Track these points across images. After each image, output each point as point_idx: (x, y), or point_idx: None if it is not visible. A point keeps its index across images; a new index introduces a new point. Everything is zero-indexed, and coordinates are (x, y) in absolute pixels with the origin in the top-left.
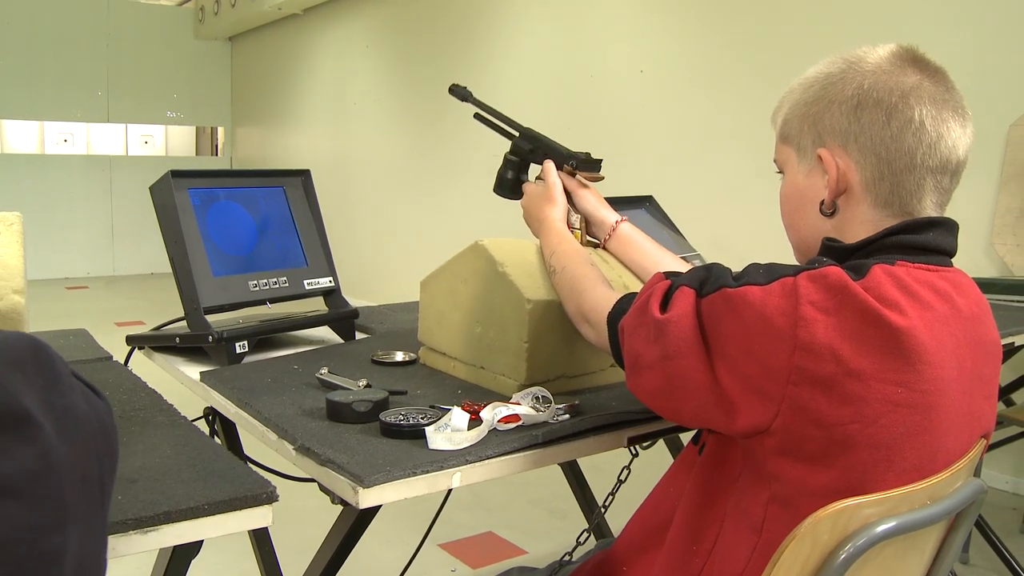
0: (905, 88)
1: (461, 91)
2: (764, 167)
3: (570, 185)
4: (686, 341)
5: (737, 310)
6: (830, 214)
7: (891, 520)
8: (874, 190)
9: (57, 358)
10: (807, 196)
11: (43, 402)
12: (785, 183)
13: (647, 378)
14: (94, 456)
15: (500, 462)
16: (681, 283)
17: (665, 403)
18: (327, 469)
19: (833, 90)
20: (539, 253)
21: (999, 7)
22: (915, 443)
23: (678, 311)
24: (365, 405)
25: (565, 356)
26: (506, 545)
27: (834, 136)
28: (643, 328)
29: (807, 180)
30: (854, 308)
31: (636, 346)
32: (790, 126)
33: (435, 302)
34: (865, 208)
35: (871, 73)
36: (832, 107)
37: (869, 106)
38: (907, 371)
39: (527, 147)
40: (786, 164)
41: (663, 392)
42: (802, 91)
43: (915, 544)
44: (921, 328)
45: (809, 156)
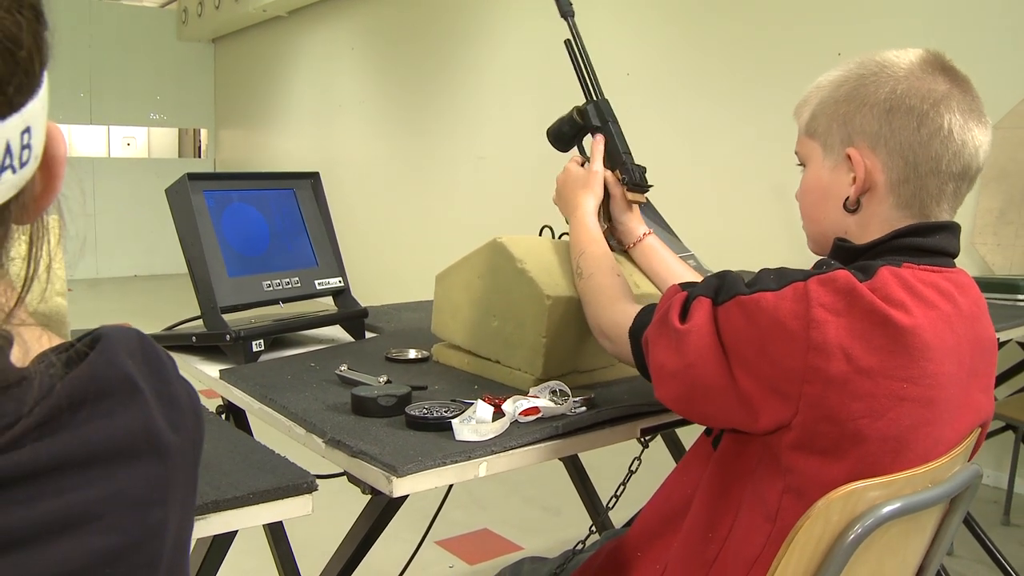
0: (936, 96)
1: (565, 4)
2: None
3: (611, 184)
4: (705, 349)
5: (752, 316)
6: (853, 211)
7: (897, 501)
8: (897, 191)
9: (161, 350)
10: (830, 191)
11: (152, 388)
12: (808, 176)
13: (671, 386)
14: (190, 444)
15: (524, 452)
16: (697, 293)
17: (691, 408)
18: (359, 460)
19: (865, 91)
20: (556, 251)
21: (979, 10)
22: (920, 434)
23: (696, 321)
24: (390, 399)
25: (578, 351)
26: (502, 542)
27: (864, 137)
28: (664, 339)
29: (832, 176)
30: (862, 309)
31: (660, 357)
32: (818, 122)
33: (451, 296)
34: (886, 208)
35: (904, 78)
36: (864, 108)
37: (902, 111)
38: (912, 367)
39: (594, 121)
40: (810, 158)
41: (688, 398)
42: (832, 89)
43: (917, 524)
44: (925, 326)
45: (836, 153)
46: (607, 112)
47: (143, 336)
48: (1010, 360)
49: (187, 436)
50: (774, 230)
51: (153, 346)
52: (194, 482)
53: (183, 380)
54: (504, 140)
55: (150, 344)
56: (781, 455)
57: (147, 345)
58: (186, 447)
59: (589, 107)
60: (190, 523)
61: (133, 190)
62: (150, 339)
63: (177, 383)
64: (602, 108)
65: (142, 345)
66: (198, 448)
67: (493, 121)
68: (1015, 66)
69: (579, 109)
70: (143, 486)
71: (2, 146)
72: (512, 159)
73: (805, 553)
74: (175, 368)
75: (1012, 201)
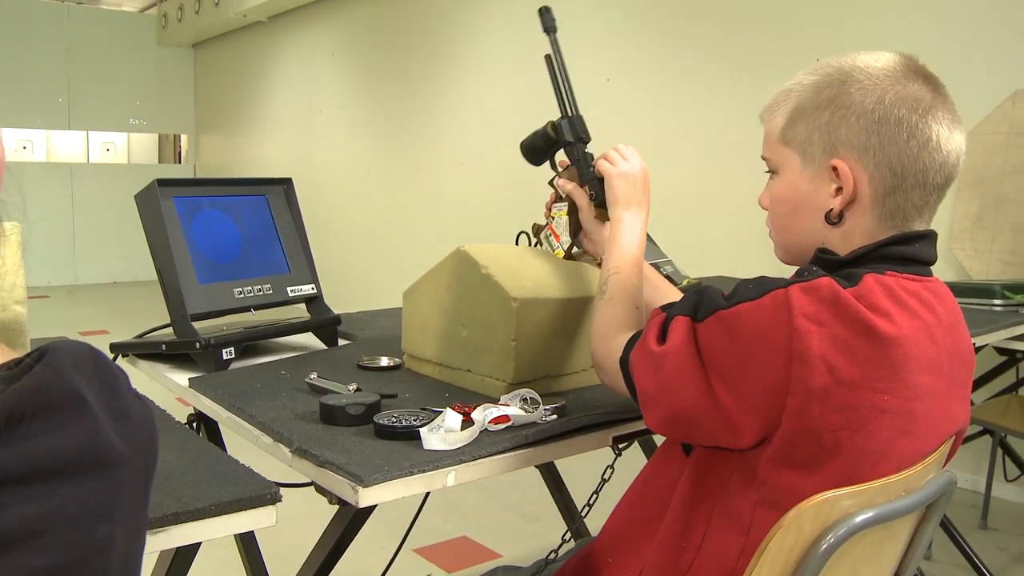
0: (924, 106)
1: (549, 20)
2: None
3: (578, 197)
4: (684, 371)
5: (732, 330)
6: (835, 223)
7: (870, 511)
8: (883, 204)
9: (113, 364)
10: (808, 201)
11: (101, 402)
12: (780, 184)
13: (654, 412)
14: (142, 458)
15: (493, 461)
16: (676, 313)
17: (677, 431)
18: (325, 470)
19: (849, 99)
20: (520, 256)
21: (956, 16)
22: (898, 446)
23: (674, 341)
24: (358, 408)
25: (549, 355)
26: (480, 549)
27: (850, 148)
28: (644, 363)
29: (810, 186)
30: (846, 318)
31: (642, 382)
32: (796, 130)
33: (419, 310)
34: (869, 219)
35: (889, 86)
36: (849, 117)
37: (891, 122)
38: (893, 379)
39: (567, 137)
40: (784, 166)
41: (672, 422)
42: (810, 94)
43: (891, 533)
44: (908, 336)
45: (817, 163)
46: (581, 129)
47: (95, 350)
48: (987, 365)
49: (138, 450)
50: (752, 234)
51: (105, 360)
52: (145, 497)
53: (137, 395)
54: (485, 146)
55: (102, 358)
56: (758, 468)
57: (99, 359)
58: (136, 462)
59: (563, 122)
60: (141, 538)
61: (112, 196)
62: (103, 353)
63: (129, 398)
64: (576, 125)
65: (94, 359)
66: (151, 463)
67: (474, 127)
68: (991, 72)
69: (553, 124)
70: (88, 501)
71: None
72: (493, 165)
73: (777, 563)
74: (128, 382)
75: (988, 206)
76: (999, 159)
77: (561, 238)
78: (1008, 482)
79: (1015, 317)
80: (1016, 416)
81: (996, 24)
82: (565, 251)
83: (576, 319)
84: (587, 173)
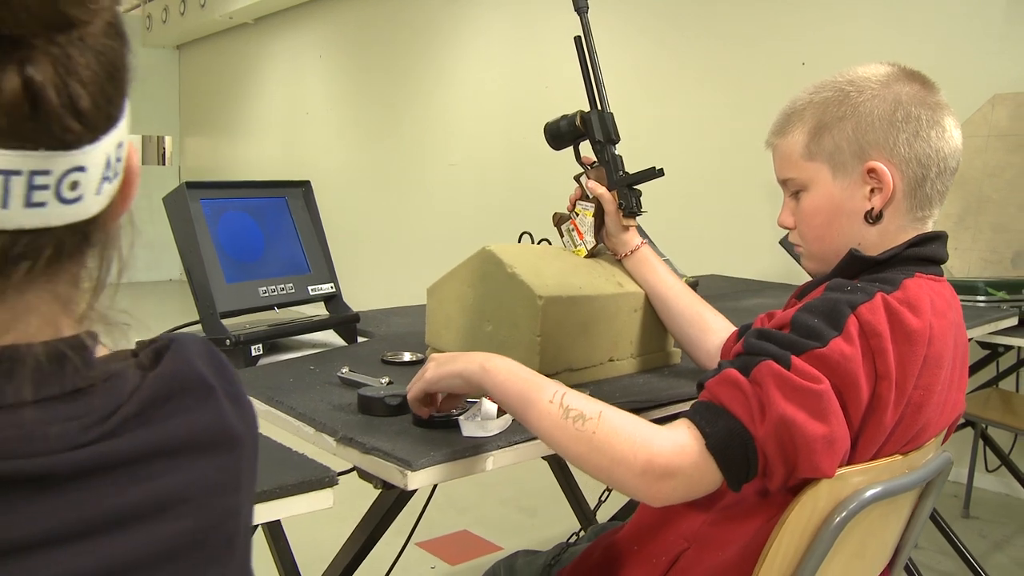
0: (931, 101)
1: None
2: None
3: (606, 200)
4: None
5: (832, 368)
6: (874, 221)
7: (878, 486)
8: (913, 194)
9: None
10: (844, 208)
11: (221, 388)
12: (813, 197)
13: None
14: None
15: (526, 447)
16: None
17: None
18: (372, 456)
19: (866, 107)
20: (542, 255)
21: (934, 23)
22: (910, 430)
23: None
24: (395, 399)
25: (570, 349)
26: (481, 542)
27: (880, 149)
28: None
29: (844, 193)
30: (905, 331)
31: (812, 429)
32: (821, 144)
33: (443, 307)
34: (902, 212)
35: (897, 90)
36: (872, 122)
37: (911, 119)
38: (927, 375)
39: (597, 136)
40: (813, 181)
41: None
42: (827, 110)
43: (896, 508)
44: (938, 336)
45: (849, 170)
46: (611, 128)
47: (208, 342)
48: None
49: (249, 431)
50: (747, 233)
51: (217, 351)
52: (256, 472)
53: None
54: (475, 147)
55: (215, 349)
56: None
57: (212, 350)
58: (250, 441)
59: (594, 117)
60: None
61: None
62: (213, 345)
63: (240, 384)
64: (607, 123)
65: (209, 350)
66: (257, 442)
67: (462, 128)
68: (971, 77)
69: (583, 115)
70: (221, 474)
71: (104, 159)
72: (483, 166)
73: (795, 536)
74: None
75: (969, 207)
76: (979, 162)
77: (585, 237)
78: (989, 472)
79: (997, 313)
80: (996, 408)
81: (975, 30)
82: (588, 250)
83: (595, 315)
84: (616, 178)
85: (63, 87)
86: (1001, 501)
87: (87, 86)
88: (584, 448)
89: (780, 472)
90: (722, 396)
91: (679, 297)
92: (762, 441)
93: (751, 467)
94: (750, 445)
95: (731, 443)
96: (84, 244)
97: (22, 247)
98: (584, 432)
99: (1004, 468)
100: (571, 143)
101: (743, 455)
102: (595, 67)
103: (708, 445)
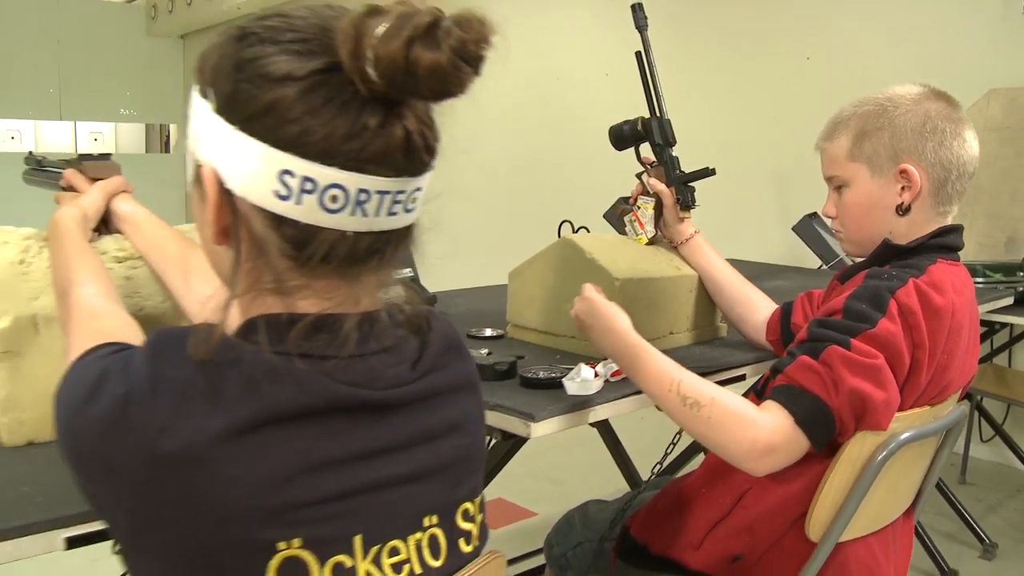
0: (956, 116)
1: (640, 17)
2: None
3: (665, 195)
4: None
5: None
6: (904, 213)
7: (912, 430)
8: (937, 193)
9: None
10: (879, 202)
11: (463, 347)
12: (853, 193)
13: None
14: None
15: (619, 403)
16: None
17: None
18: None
19: (901, 120)
20: (613, 244)
21: (932, 19)
22: (935, 389)
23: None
24: (503, 365)
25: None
26: (517, 509)
27: (911, 155)
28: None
29: (880, 190)
30: (933, 308)
31: (876, 394)
32: (863, 148)
33: (525, 288)
34: (927, 207)
35: (927, 107)
36: (905, 132)
37: (938, 131)
38: (950, 343)
39: (657, 139)
40: (854, 179)
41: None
42: (868, 121)
43: (922, 450)
44: (959, 311)
45: (885, 171)
46: (669, 132)
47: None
48: None
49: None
50: (756, 220)
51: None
52: None
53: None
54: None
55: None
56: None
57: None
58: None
59: (654, 123)
60: None
61: None
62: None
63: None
64: (665, 128)
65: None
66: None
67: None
68: (967, 72)
69: (644, 121)
70: (477, 408)
71: (428, 180)
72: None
73: (847, 468)
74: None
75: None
76: None
77: (646, 227)
78: (983, 443)
79: (994, 293)
80: (991, 381)
81: (973, 27)
82: (648, 239)
83: (659, 294)
84: (674, 176)
85: (421, 133)
86: (994, 469)
87: (432, 130)
88: (702, 429)
89: (850, 430)
90: (800, 379)
91: (729, 279)
92: (838, 410)
93: (831, 432)
94: (829, 415)
95: (815, 416)
96: (407, 241)
97: (380, 244)
98: (700, 417)
99: (998, 438)
100: (632, 145)
101: (825, 424)
102: (655, 79)
103: (797, 420)
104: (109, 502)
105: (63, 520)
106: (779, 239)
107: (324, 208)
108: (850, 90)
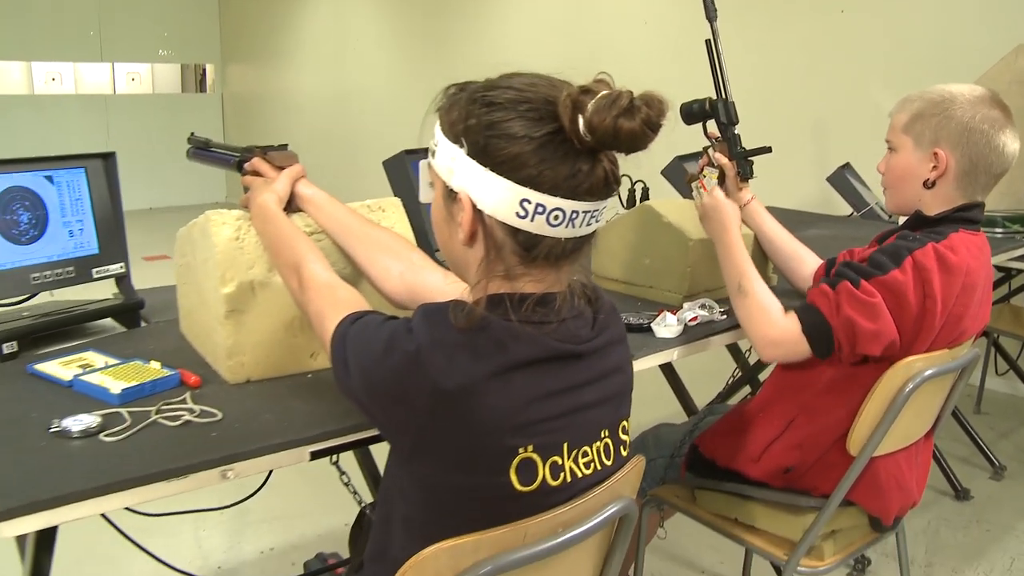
0: (999, 123)
1: (711, 8)
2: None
3: (727, 167)
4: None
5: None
6: (930, 187)
7: (933, 367)
8: (959, 180)
9: None
10: (913, 172)
11: (614, 312)
12: (898, 158)
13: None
14: None
15: (700, 343)
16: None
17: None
18: None
19: (952, 112)
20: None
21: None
22: (952, 337)
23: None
24: None
25: (706, 276)
26: None
27: (948, 143)
28: (861, 312)
29: (917, 163)
30: (948, 267)
31: (864, 325)
32: (915, 126)
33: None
34: (950, 189)
35: (978, 110)
36: (951, 124)
37: (977, 132)
38: (964, 296)
39: (722, 118)
40: (902, 147)
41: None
42: (927, 106)
43: (941, 385)
44: (974, 271)
45: (924, 148)
46: (733, 113)
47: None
48: None
49: None
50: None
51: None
52: None
53: None
54: None
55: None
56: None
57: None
58: None
59: (720, 104)
60: None
61: (143, 126)
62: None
63: None
64: (730, 109)
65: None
66: None
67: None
68: (996, 27)
69: (711, 101)
70: (629, 353)
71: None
72: None
73: (881, 399)
74: None
75: None
76: None
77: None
78: (998, 376)
79: (1012, 243)
80: (1008, 320)
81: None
82: None
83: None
84: (736, 151)
85: (613, 172)
86: (1008, 400)
87: (617, 167)
88: (741, 313)
89: (846, 351)
90: (816, 300)
91: (781, 238)
92: (836, 329)
93: (830, 345)
94: (828, 332)
95: (816, 329)
96: (592, 240)
97: (578, 244)
98: (743, 304)
99: (1012, 372)
100: (700, 121)
101: (825, 337)
102: (722, 65)
103: (803, 329)
104: (399, 425)
105: (307, 439)
106: (814, 188)
107: (549, 224)
108: (882, 43)
